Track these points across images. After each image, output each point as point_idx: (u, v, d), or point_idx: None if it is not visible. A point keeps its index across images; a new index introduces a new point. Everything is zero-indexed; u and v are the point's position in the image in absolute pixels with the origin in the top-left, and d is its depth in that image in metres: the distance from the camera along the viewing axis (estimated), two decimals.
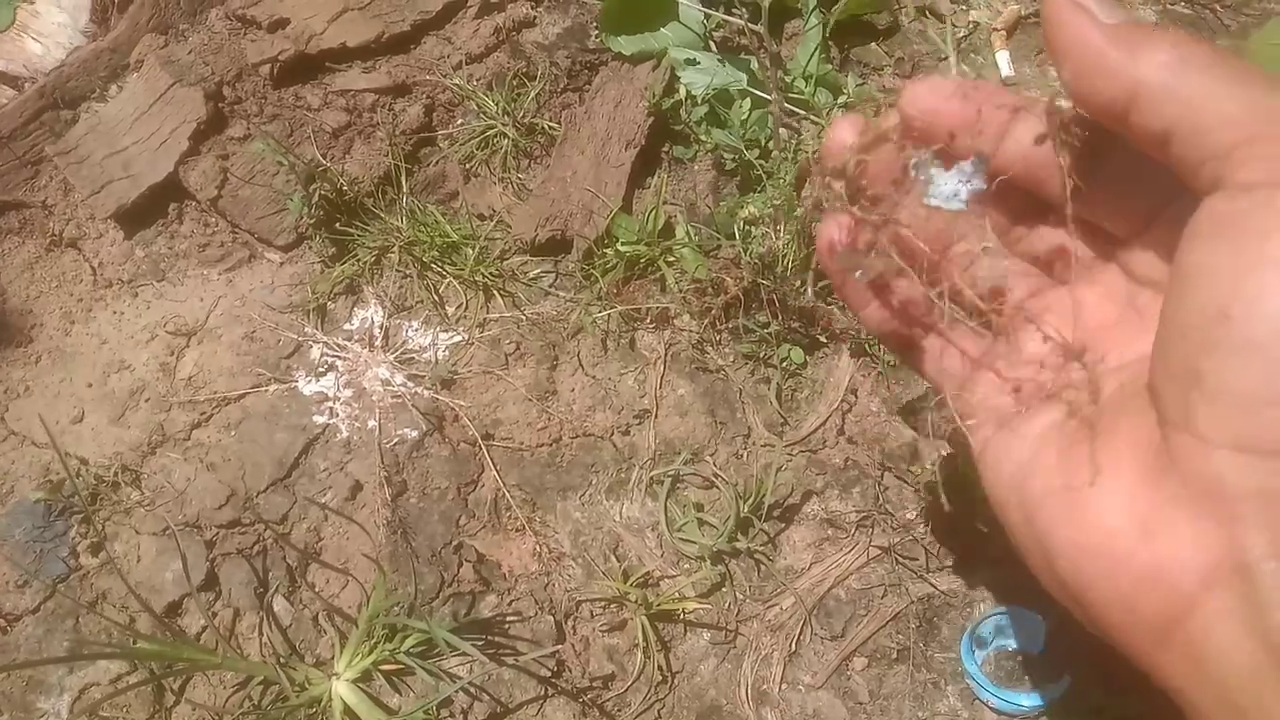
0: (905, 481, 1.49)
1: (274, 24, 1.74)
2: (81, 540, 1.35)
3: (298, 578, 1.33)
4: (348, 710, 1.21)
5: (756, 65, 1.71)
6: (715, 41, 1.79)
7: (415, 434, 1.44)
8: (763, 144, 1.68)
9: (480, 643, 1.27)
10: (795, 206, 1.56)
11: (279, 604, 1.31)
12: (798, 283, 1.56)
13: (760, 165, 1.64)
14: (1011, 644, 1.40)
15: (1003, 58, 1.96)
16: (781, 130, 1.64)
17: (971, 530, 1.46)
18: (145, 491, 1.39)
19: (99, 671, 1.27)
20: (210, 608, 1.29)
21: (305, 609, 1.32)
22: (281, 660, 1.25)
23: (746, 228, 1.56)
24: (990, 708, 1.34)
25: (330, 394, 1.48)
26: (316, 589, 1.31)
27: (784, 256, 1.54)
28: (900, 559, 1.43)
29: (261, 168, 1.61)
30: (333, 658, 1.26)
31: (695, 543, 1.41)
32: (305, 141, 1.65)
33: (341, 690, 1.21)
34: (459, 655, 1.29)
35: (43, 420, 1.36)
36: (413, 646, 1.24)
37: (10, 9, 2.00)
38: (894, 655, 1.39)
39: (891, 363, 1.56)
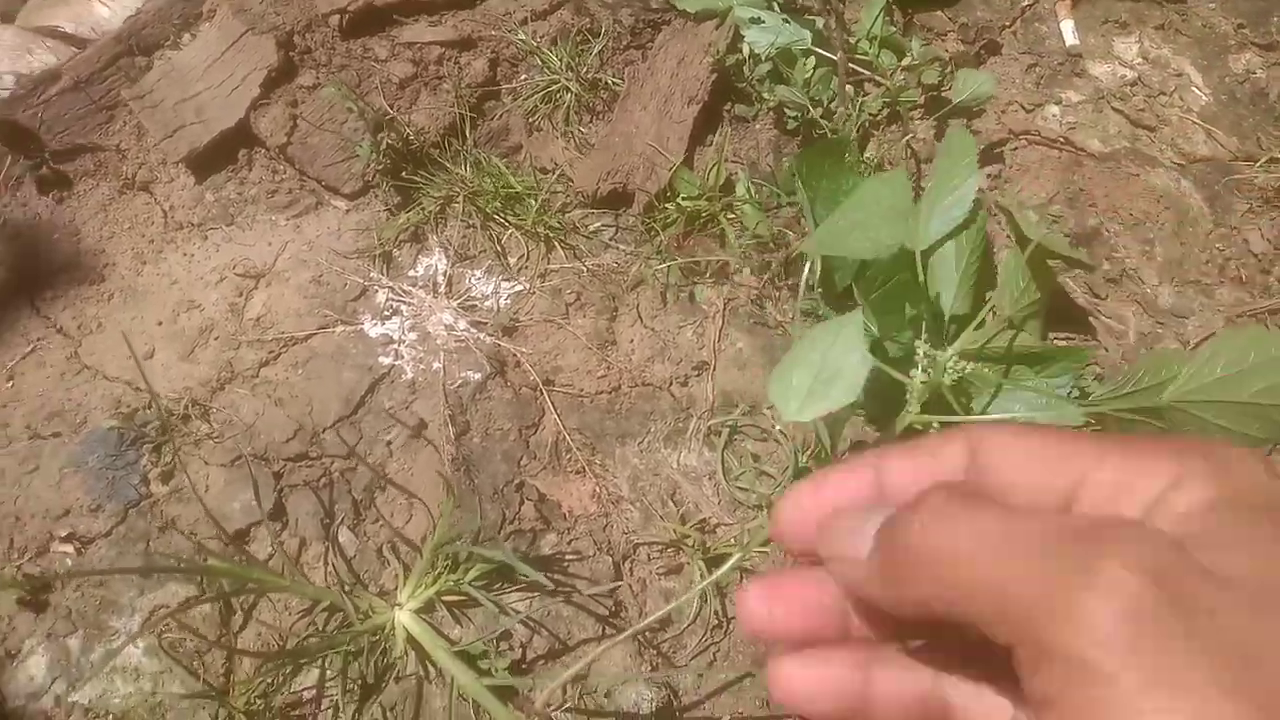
0: None
1: None
2: (152, 468, 1.38)
3: (362, 510, 1.35)
4: (411, 639, 1.23)
5: (821, 25, 1.70)
6: (779, 1, 1.79)
7: (478, 377, 1.46)
8: (826, 103, 1.68)
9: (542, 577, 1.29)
10: (859, 164, 1.56)
11: (344, 535, 1.33)
12: None
13: (824, 123, 1.64)
14: None
15: (1067, 27, 1.95)
16: (848, 88, 1.64)
17: None
18: (214, 425, 1.42)
19: (168, 594, 1.30)
20: (278, 536, 1.31)
21: (369, 541, 1.34)
22: (346, 588, 1.27)
23: None
24: None
25: (395, 337, 1.50)
26: (382, 522, 1.34)
27: None
28: None
29: (331, 115, 1.63)
30: (396, 588, 1.28)
31: (753, 492, 1.42)
32: (373, 92, 1.67)
33: (405, 619, 1.23)
34: (519, 591, 1.30)
35: (129, 343, 1.39)
36: (475, 579, 1.26)
37: None
38: None
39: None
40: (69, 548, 1.33)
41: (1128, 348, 1.58)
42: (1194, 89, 1.90)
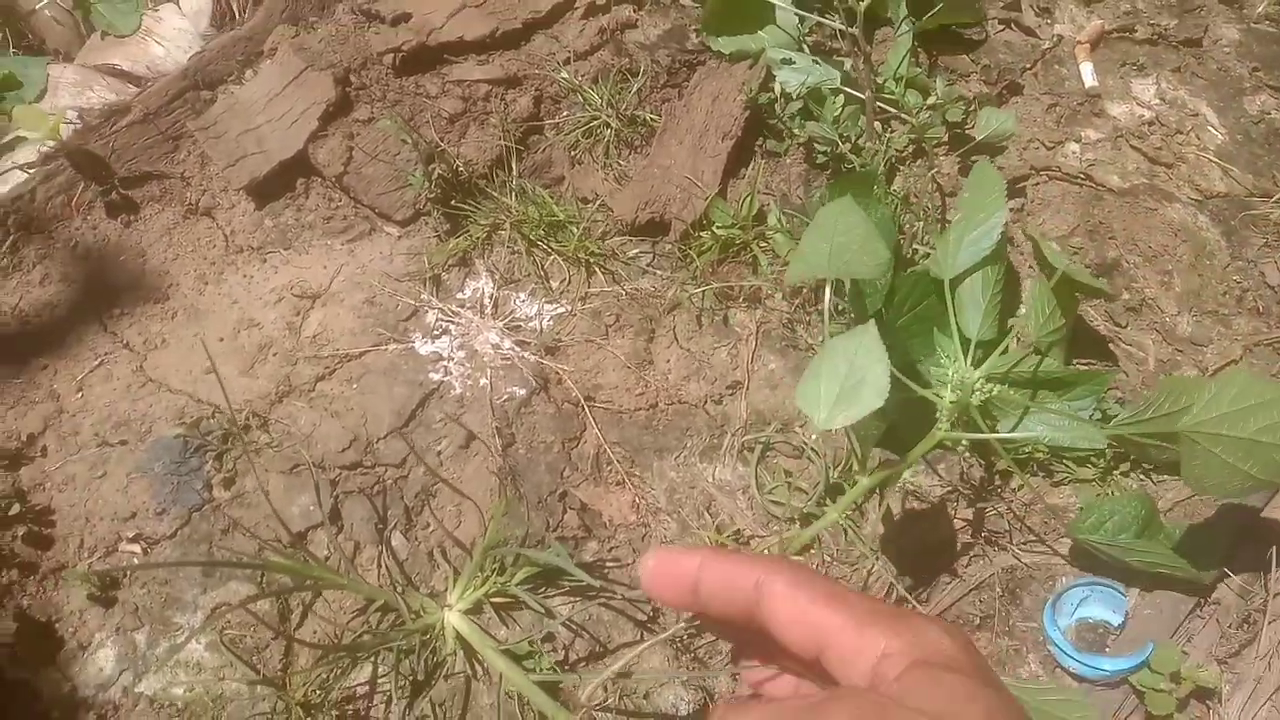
0: (991, 460, 1.54)
1: (397, 18, 1.86)
2: (215, 475, 1.45)
3: (414, 516, 1.42)
4: (460, 638, 1.29)
5: (849, 66, 1.79)
6: (809, 44, 1.88)
7: (523, 392, 1.53)
8: (854, 139, 1.76)
9: (582, 584, 1.35)
10: (887, 196, 1.64)
11: (396, 539, 1.40)
12: None
13: (852, 158, 1.72)
14: (1092, 615, 1.44)
15: (1086, 70, 2.03)
16: (875, 125, 1.72)
17: (1054, 507, 1.51)
18: (273, 435, 1.50)
19: (229, 593, 1.37)
20: (334, 539, 1.38)
21: (420, 545, 1.40)
22: (399, 589, 1.33)
23: None
24: (1071, 673, 1.38)
25: (445, 354, 1.57)
26: (431, 528, 1.40)
27: None
28: (985, 531, 1.48)
29: (385, 146, 1.72)
30: (445, 590, 1.34)
31: (786, 505, 1.48)
32: (424, 125, 1.76)
33: (454, 619, 1.29)
34: (562, 595, 1.36)
35: (208, 351, 1.47)
36: (521, 582, 1.32)
37: (138, 15, 2.16)
38: (977, 622, 1.43)
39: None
40: (136, 548, 1.40)
41: (1147, 373, 1.64)
42: (1210, 128, 1.98)
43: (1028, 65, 2.05)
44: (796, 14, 1.86)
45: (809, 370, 1.17)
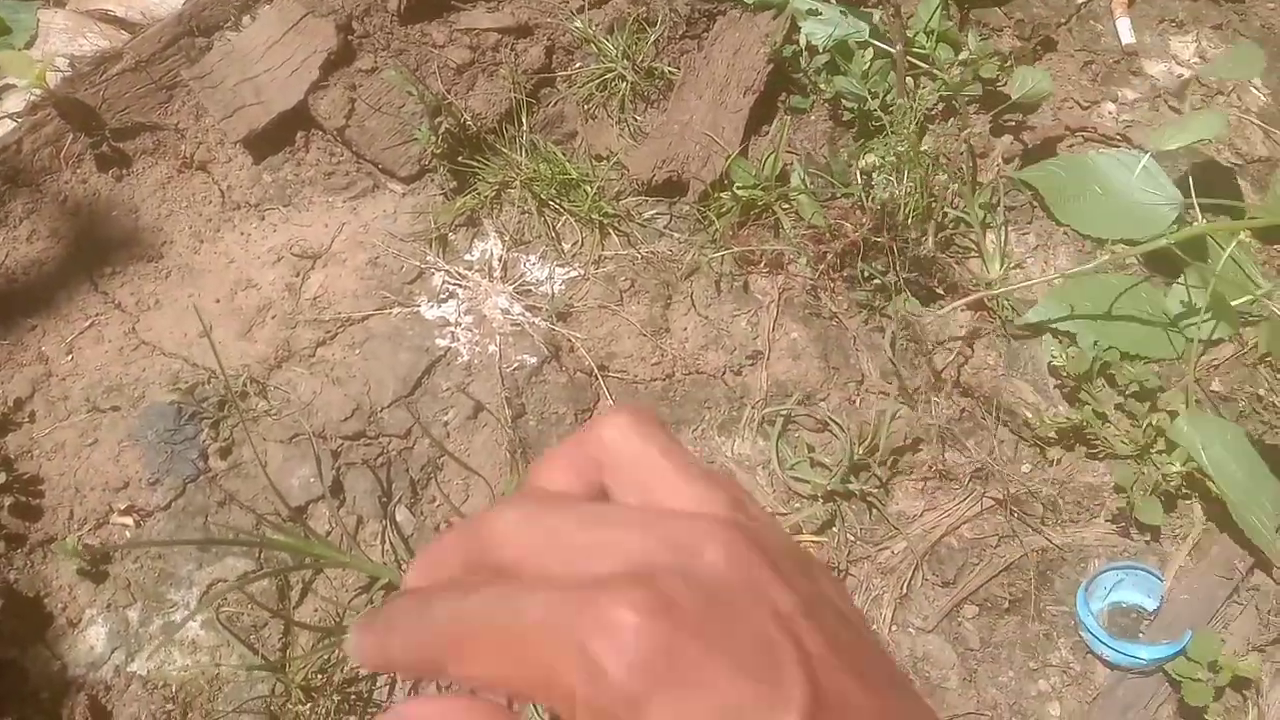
0: (1020, 436, 1.48)
1: None
2: (211, 443, 1.39)
3: (419, 489, 1.36)
4: None
5: (878, 18, 1.70)
6: None
7: (534, 360, 1.46)
8: (882, 95, 1.67)
9: None
10: (919, 156, 1.55)
11: (401, 514, 1.34)
12: (917, 233, 1.55)
13: (880, 115, 1.64)
14: (1127, 600, 1.38)
15: (1123, 25, 1.93)
16: (907, 80, 1.63)
17: (1085, 487, 1.45)
18: (271, 402, 1.43)
19: (225, 569, 1.31)
20: (335, 513, 1.31)
21: (426, 520, 1.34)
22: (403, 566, 1.27)
23: (867, 175, 1.55)
24: (1104, 660, 1.33)
25: (452, 319, 1.50)
26: (437, 502, 1.34)
27: (904, 205, 1.53)
28: (1016, 511, 1.42)
29: (389, 98, 1.64)
30: None
31: (808, 481, 1.41)
32: (430, 76, 1.67)
33: None
34: None
35: (200, 318, 1.40)
36: None
37: None
38: (1006, 605, 1.38)
39: (1010, 318, 1.55)
40: (128, 520, 1.34)
41: None
42: (1252, 89, 1.88)
43: (1062, 20, 1.95)
44: None
45: None
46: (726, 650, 0.32)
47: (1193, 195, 1.55)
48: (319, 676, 1.21)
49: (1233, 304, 1.50)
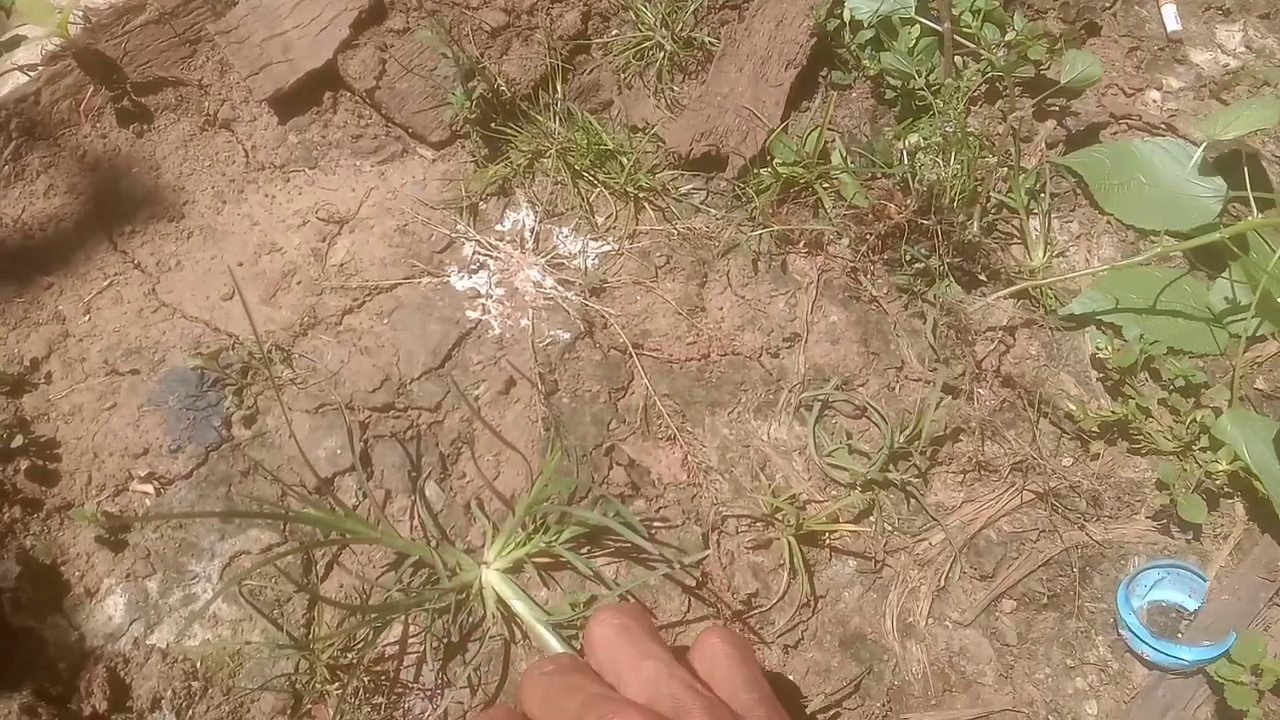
0: (1062, 429, 1.44)
1: None
2: (235, 411, 1.35)
3: (449, 465, 1.32)
4: (499, 600, 1.19)
5: None
6: None
7: (568, 336, 1.42)
8: (927, 74, 1.62)
9: (628, 545, 1.25)
10: (967, 137, 1.51)
11: (430, 489, 1.30)
12: (962, 216, 1.51)
13: (926, 94, 1.59)
14: (1167, 598, 1.36)
15: (1169, 11, 1.88)
16: (956, 59, 1.59)
17: (1127, 482, 1.42)
18: (297, 370, 1.39)
19: (249, 540, 1.27)
20: (364, 486, 1.28)
21: (456, 496, 1.30)
22: (433, 543, 1.24)
23: (911, 156, 1.51)
24: (1144, 660, 1.30)
25: (483, 291, 1.46)
26: (468, 478, 1.30)
27: (950, 188, 1.49)
28: (1056, 505, 1.38)
29: (421, 60, 1.58)
30: (484, 546, 1.24)
31: (846, 469, 1.38)
32: (464, 39, 1.62)
33: (493, 579, 1.20)
34: (607, 556, 1.27)
35: (231, 274, 1.35)
36: (565, 542, 1.22)
37: None
38: (1044, 601, 1.35)
39: (1054, 307, 1.51)
40: (148, 488, 1.30)
41: None
42: None
43: (1107, 4, 1.91)
44: None
45: None
46: None
47: (1247, 187, 1.52)
48: (346, 655, 1.17)
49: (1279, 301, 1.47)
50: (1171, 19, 1.88)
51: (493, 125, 1.58)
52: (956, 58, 1.66)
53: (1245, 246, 1.58)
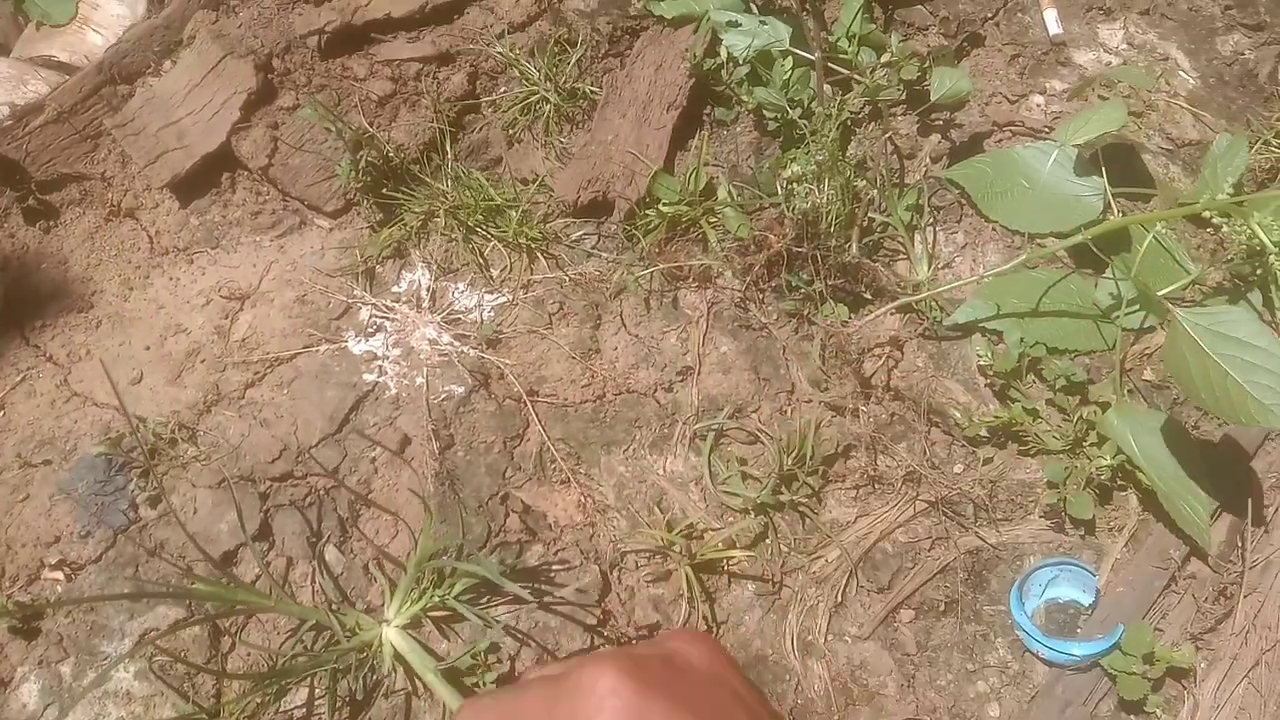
0: (953, 436, 1.48)
1: None
2: (141, 493, 1.39)
3: (348, 528, 1.36)
4: (398, 655, 1.23)
5: (798, 26, 1.70)
6: (757, 3, 1.79)
7: (462, 390, 1.46)
8: (805, 103, 1.67)
9: (528, 590, 1.28)
10: (839, 163, 1.55)
11: (330, 553, 1.34)
12: (841, 240, 1.55)
13: (803, 124, 1.64)
14: (1063, 596, 1.38)
15: (1050, 16, 1.93)
16: (826, 87, 1.64)
17: (1018, 484, 1.45)
18: (201, 447, 1.43)
19: (158, 618, 1.31)
20: (264, 557, 1.32)
21: (355, 558, 1.34)
22: (333, 606, 1.27)
23: (790, 185, 1.56)
24: (1040, 659, 1.33)
25: (379, 353, 1.50)
26: (367, 539, 1.34)
27: (828, 213, 1.53)
28: (948, 513, 1.42)
29: (310, 135, 1.64)
30: (383, 604, 1.28)
31: (739, 495, 1.41)
32: (353, 110, 1.68)
33: (392, 636, 1.24)
34: (506, 604, 1.30)
35: (107, 371, 1.40)
36: (461, 594, 1.26)
37: (73, 3, 2.06)
38: (942, 608, 1.38)
39: (939, 319, 1.55)
40: (59, 574, 1.34)
41: None
42: (1181, 73, 1.89)
43: (989, 15, 1.96)
44: None
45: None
46: (690, 709, 0.48)
47: (1105, 185, 1.56)
48: None
49: (1161, 292, 1.50)
50: (1053, 23, 1.93)
51: (385, 191, 1.63)
52: (833, 84, 1.71)
53: (1128, 241, 1.63)
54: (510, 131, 1.73)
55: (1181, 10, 1.97)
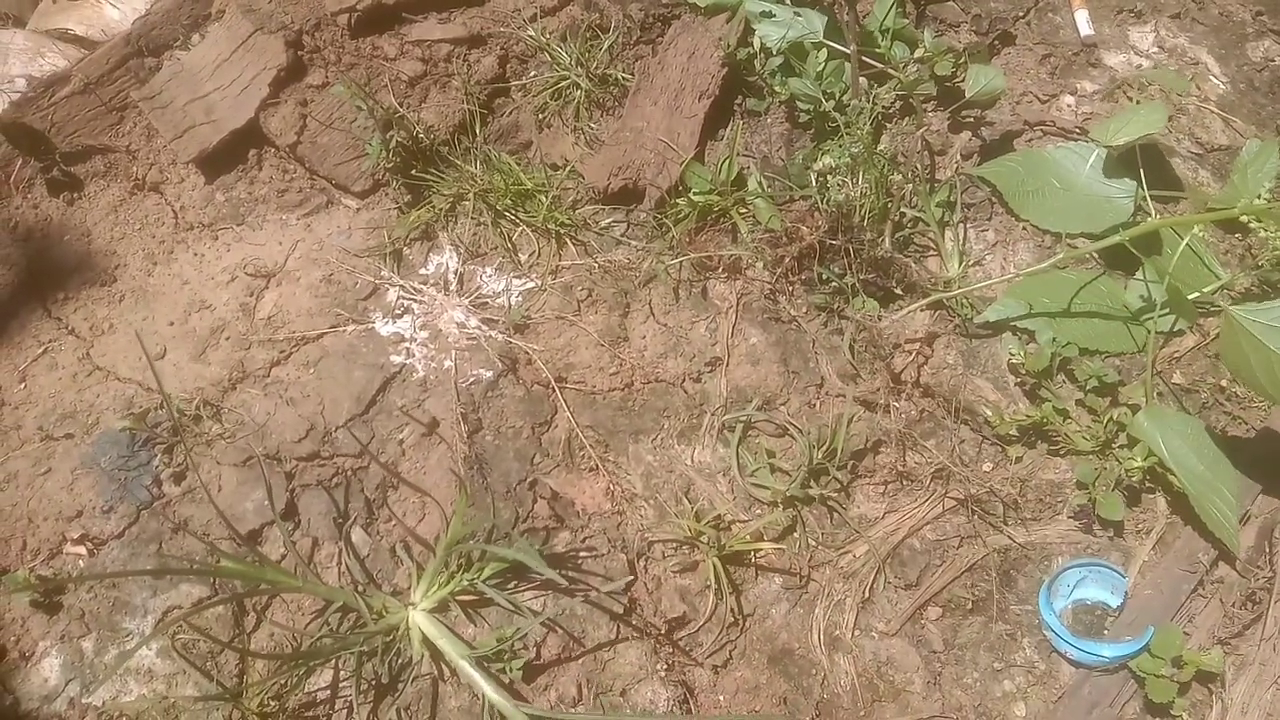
0: (982, 435, 1.47)
1: None
2: (165, 469, 1.38)
3: (375, 509, 1.35)
4: (425, 639, 1.22)
5: (831, 18, 1.69)
6: None
7: (490, 375, 1.45)
8: (838, 96, 1.66)
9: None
10: (874, 157, 1.54)
11: (357, 535, 1.33)
12: (874, 234, 1.54)
13: (836, 116, 1.63)
14: (1090, 597, 1.38)
15: (1081, 17, 1.92)
16: (861, 80, 1.63)
17: (1048, 484, 1.44)
18: (226, 425, 1.42)
19: (181, 595, 1.29)
20: (290, 536, 1.30)
21: (382, 540, 1.33)
22: (360, 588, 1.26)
23: (823, 178, 1.54)
24: (1068, 659, 1.32)
25: (407, 335, 1.49)
26: (394, 521, 1.33)
27: (860, 206, 1.52)
28: (977, 510, 1.41)
29: (340, 113, 1.62)
30: (409, 588, 1.27)
31: (767, 488, 1.40)
32: (382, 90, 1.66)
33: (419, 619, 1.22)
34: (533, 589, 1.29)
35: (142, 345, 1.38)
36: (489, 578, 1.25)
37: None
38: (969, 606, 1.37)
39: (970, 316, 1.54)
40: (81, 549, 1.32)
41: None
42: (1211, 77, 1.88)
43: (1020, 13, 1.95)
44: None
45: None
46: None
47: (1143, 188, 1.55)
48: (274, 703, 1.20)
49: (1191, 296, 1.50)
50: (1084, 24, 1.93)
51: (414, 172, 1.61)
52: (867, 78, 1.69)
53: (1159, 244, 1.62)
54: (540, 116, 1.72)
55: (1212, 15, 1.97)
